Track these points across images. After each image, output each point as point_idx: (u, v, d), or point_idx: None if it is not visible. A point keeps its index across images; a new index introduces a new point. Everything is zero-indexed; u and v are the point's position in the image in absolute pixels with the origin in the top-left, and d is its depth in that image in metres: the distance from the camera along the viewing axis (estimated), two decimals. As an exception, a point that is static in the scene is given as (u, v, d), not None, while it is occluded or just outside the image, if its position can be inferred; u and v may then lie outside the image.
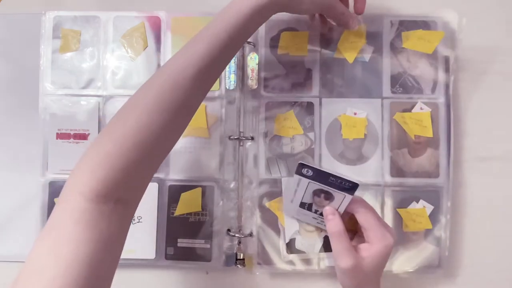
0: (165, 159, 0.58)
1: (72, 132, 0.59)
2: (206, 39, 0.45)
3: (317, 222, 0.54)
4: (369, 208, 0.50)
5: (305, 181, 0.50)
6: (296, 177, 0.50)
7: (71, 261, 0.36)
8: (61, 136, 0.59)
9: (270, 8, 0.48)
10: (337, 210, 0.50)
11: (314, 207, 0.52)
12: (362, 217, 0.49)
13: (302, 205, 0.53)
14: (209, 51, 0.44)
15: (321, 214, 0.52)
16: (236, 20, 0.46)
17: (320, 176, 0.49)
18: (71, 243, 0.37)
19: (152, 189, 0.59)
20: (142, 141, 0.41)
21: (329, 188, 0.49)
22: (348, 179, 0.48)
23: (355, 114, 0.58)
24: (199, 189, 0.59)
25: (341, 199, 0.49)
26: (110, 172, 0.39)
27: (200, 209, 0.58)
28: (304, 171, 0.49)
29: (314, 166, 0.48)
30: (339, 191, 0.49)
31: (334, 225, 0.49)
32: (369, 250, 0.48)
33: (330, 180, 0.48)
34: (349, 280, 0.49)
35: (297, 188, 0.51)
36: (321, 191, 0.50)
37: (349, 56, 0.58)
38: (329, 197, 0.50)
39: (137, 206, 0.44)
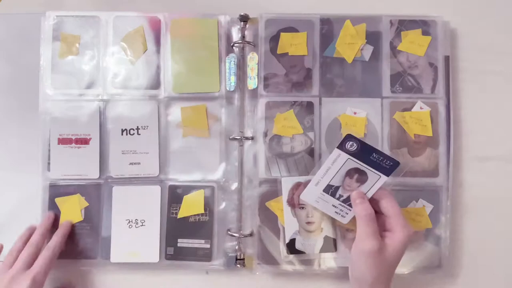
0: (165, 159, 0.58)
1: (73, 137, 0.59)
2: None
3: (335, 212, 0.53)
4: (393, 197, 0.50)
5: (344, 157, 0.50)
6: (336, 152, 0.50)
7: None
8: (62, 141, 0.59)
9: None
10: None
11: (339, 192, 0.52)
12: (389, 204, 0.49)
13: (327, 188, 0.52)
14: None
15: (344, 201, 0.52)
16: None
17: (364, 151, 0.49)
18: None
19: (154, 192, 0.59)
20: None
21: (367, 167, 0.50)
22: (391, 156, 0.48)
23: (355, 113, 0.58)
24: (201, 191, 0.58)
25: (374, 182, 0.50)
26: None
27: (203, 211, 0.58)
28: (348, 145, 0.50)
29: (361, 139, 0.49)
30: (375, 171, 0.50)
31: (364, 208, 0.49)
32: (392, 238, 0.48)
33: (372, 157, 0.49)
34: (369, 269, 0.47)
35: (332, 166, 0.51)
36: (356, 170, 0.50)
37: (348, 56, 0.58)
38: (361, 179, 0.50)
39: None
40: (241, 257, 0.58)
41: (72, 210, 0.58)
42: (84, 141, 0.59)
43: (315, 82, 0.59)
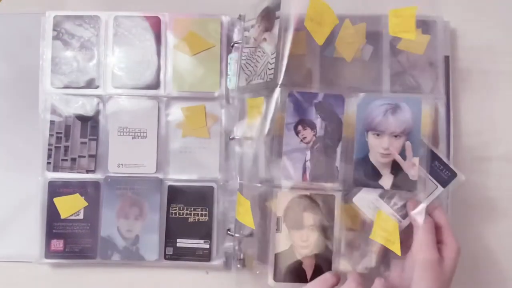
0: (165, 159, 0.58)
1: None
2: None
3: None
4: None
5: None
6: None
7: None
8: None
9: None
10: None
11: (394, 199, 0.50)
12: (442, 216, 0.48)
13: (384, 194, 0.50)
14: None
15: (397, 210, 0.50)
16: None
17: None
18: None
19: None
20: None
21: (427, 174, 0.48)
22: (451, 166, 0.47)
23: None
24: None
25: (430, 191, 0.49)
26: None
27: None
28: None
29: (427, 144, 0.48)
30: (434, 181, 0.48)
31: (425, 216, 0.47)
32: (446, 250, 0.47)
33: (434, 164, 0.48)
34: (431, 282, 0.45)
35: None
36: None
37: (347, 55, 0.58)
38: None
39: None
40: (241, 257, 0.58)
41: (71, 210, 0.58)
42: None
43: (315, 82, 0.58)
